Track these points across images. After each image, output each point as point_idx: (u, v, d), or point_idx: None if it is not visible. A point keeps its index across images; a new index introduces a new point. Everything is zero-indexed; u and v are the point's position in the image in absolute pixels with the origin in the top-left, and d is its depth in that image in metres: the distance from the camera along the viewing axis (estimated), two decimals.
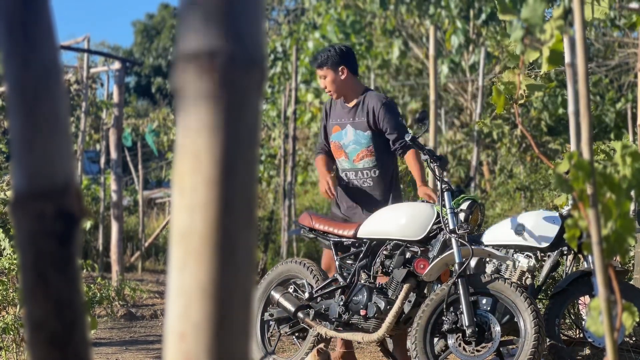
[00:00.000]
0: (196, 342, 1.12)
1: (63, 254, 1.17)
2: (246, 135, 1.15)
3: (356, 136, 5.63)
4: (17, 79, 1.20)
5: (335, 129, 5.71)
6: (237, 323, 1.13)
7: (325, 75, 5.61)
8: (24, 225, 1.18)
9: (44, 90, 1.20)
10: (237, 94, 1.15)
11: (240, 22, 1.15)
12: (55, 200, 1.18)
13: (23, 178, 1.18)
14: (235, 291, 1.13)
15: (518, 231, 5.78)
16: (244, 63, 1.15)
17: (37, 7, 1.21)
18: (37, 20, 1.21)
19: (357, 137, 5.63)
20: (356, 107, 5.65)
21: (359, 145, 5.64)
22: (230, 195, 1.13)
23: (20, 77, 1.20)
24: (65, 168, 1.20)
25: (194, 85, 1.14)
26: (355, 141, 5.64)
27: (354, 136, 5.64)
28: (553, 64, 2.20)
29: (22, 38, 1.20)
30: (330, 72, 5.61)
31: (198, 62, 1.14)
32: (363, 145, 5.63)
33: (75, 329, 1.19)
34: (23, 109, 1.19)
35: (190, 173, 1.14)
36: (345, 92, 5.67)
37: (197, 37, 1.14)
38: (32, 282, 1.17)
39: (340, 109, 5.70)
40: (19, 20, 1.20)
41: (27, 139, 1.19)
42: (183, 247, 1.13)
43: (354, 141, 5.64)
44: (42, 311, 1.17)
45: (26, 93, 1.20)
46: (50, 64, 1.21)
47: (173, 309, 1.14)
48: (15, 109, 1.20)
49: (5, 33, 1.20)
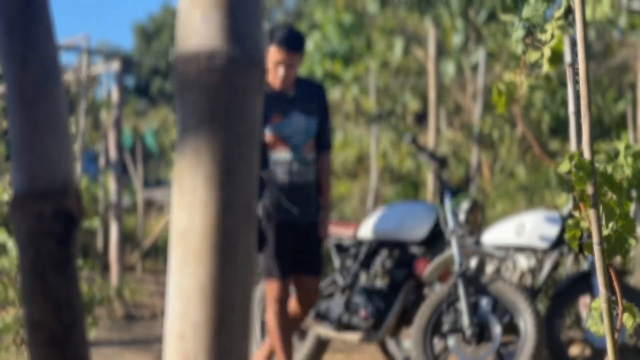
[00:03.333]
0: (196, 342, 1.12)
1: (62, 254, 1.17)
2: (246, 135, 1.15)
3: (307, 124, 4.81)
4: (17, 78, 1.20)
5: (275, 119, 4.75)
6: (236, 323, 1.13)
7: (296, 62, 4.71)
8: (23, 226, 1.17)
9: (43, 90, 1.20)
10: (237, 94, 1.14)
11: (240, 22, 1.15)
12: (54, 200, 1.17)
13: (22, 178, 1.18)
14: (235, 291, 1.13)
15: (518, 231, 5.78)
16: (244, 63, 1.15)
17: (36, 7, 1.21)
18: (37, 20, 1.21)
19: (308, 125, 4.82)
20: (298, 93, 4.79)
21: (307, 134, 4.82)
22: (230, 195, 1.13)
23: (20, 77, 1.20)
24: (65, 168, 1.20)
25: (194, 85, 1.14)
26: (306, 130, 4.81)
27: (304, 124, 4.80)
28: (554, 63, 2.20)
29: (22, 38, 1.20)
30: (300, 59, 4.75)
31: (198, 62, 1.14)
32: (311, 134, 4.83)
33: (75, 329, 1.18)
34: (22, 109, 1.19)
35: (190, 173, 1.13)
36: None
37: (196, 37, 1.14)
38: (32, 282, 1.17)
39: (278, 97, 4.75)
40: (18, 20, 1.20)
41: (26, 139, 1.18)
42: (183, 247, 1.13)
43: (305, 130, 4.81)
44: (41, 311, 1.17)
45: (25, 93, 1.19)
46: (50, 64, 1.21)
47: (173, 309, 1.13)
48: (14, 109, 1.19)
49: (4, 33, 1.20)
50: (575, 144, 3.27)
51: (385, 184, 17.49)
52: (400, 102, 18.59)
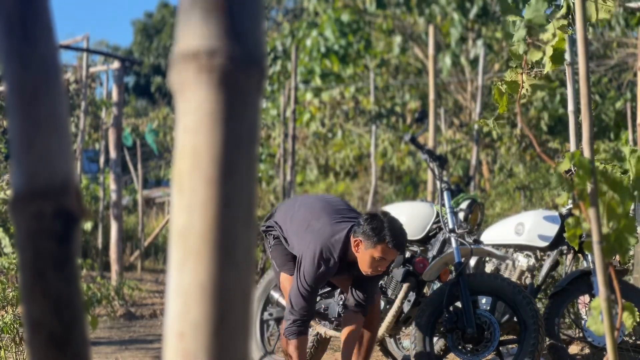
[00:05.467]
0: (195, 341, 1.12)
1: (62, 253, 1.17)
2: (246, 135, 1.15)
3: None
4: (17, 78, 1.20)
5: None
6: (236, 322, 1.13)
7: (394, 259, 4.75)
8: (22, 225, 1.17)
9: (43, 90, 1.20)
10: (237, 93, 1.14)
11: (240, 20, 1.15)
12: (54, 199, 1.17)
13: (22, 177, 1.18)
14: (234, 290, 1.13)
15: (518, 230, 5.78)
16: (243, 62, 1.15)
17: (36, 6, 1.21)
18: (37, 19, 1.21)
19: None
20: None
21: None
22: (229, 195, 1.13)
23: (20, 76, 1.20)
24: (65, 167, 1.20)
25: (193, 84, 1.14)
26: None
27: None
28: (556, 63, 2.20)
29: (22, 37, 1.20)
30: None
31: (197, 61, 1.14)
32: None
33: (75, 329, 1.18)
34: (22, 108, 1.19)
35: (190, 172, 1.13)
36: None
37: (196, 36, 1.14)
38: (31, 281, 1.17)
39: (346, 265, 4.75)
40: (18, 19, 1.20)
41: (26, 138, 1.18)
42: (182, 246, 1.13)
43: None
44: (41, 310, 1.17)
45: (25, 92, 1.19)
46: (50, 63, 1.21)
47: (172, 308, 1.13)
48: (14, 108, 1.19)
49: (4, 32, 1.20)
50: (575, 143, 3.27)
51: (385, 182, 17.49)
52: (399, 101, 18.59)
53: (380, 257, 4.54)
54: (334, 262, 4.60)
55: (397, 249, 4.55)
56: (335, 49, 20.14)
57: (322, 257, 4.56)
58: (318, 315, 5.37)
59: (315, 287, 4.64)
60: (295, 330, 4.66)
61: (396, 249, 4.55)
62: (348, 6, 20.12)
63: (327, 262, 4.59)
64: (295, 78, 11.69)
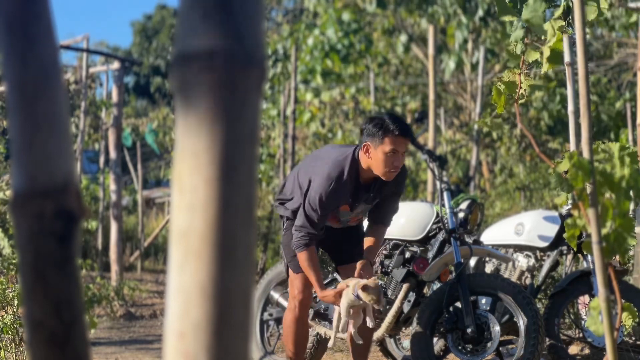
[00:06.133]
0: (195, 341, 1.12)
1: (62, 253, 1.17)
2: (246, 135, 1.15)
3: (364, 208, 4.82)
4: (17, 78, 1.20)
5: (343, 209, 4.74)
6: (236, 322, 1.13)
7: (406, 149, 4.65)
8: (23, 225, 1.17)
9: (43, 90, 1.20)
10: (237, 93, 1.15)
11: (240, 21, 1.15)
12: (54, 199, 1.17)
13: (22, 177, 1.18)
14: (234, 291, 1.13)
15: (517, 231, 5.78)
16: (243, 63, 1.15)
17: (36, 7, 1.21)
18: (37, 20, 1.21)
19: (364, 209, 4.83)
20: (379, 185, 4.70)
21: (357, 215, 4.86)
22: (229, 195, 1.13)
23: (20, 76, 1.20)
24: (65, 167, 1.20)
25: (193, 85, 1.14)
26: (357, 213, 4.83)
27: (361, 210, 4.82)
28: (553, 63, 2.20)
29: (22, 37, 1.20)
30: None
31: (197, 62, 1.14)
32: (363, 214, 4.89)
33: (75, 329, 1.18)
34: (22, 108, 1.19)
35: (190, 172, 1.13)
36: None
37: (196, 37, 1.14)
38: (32, 281, 1.17)
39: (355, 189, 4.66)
40: (18, 20, 1.20)
41: (26, 138, 1.18)
42: (182, 246, 1.13)
43: (357, 213, 4.83)
44: (41, 310, 1.17)
45: (25, 92, 1.19)
46: (50, 63, 1.21)
47: (172, 309, 1.13)
48: (14, 108, 1.19)
49: (4, 32, 1.20)
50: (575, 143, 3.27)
51: None
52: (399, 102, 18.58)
53: (391, 150, 4.49)
54: (345, 179, 4.52)
55: (404, 135, 4.51)
56: (338, 48, 20.15)
57: (332, 175, 4.51)
58: (318, 315, 5.37)
59: (325, 207, 4.52)
60: (302, 242, 4.55)
61: (403, 136, 4.51)
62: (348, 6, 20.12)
63: (339, 180, 4.50)
64: (295, 78, 11.70)
